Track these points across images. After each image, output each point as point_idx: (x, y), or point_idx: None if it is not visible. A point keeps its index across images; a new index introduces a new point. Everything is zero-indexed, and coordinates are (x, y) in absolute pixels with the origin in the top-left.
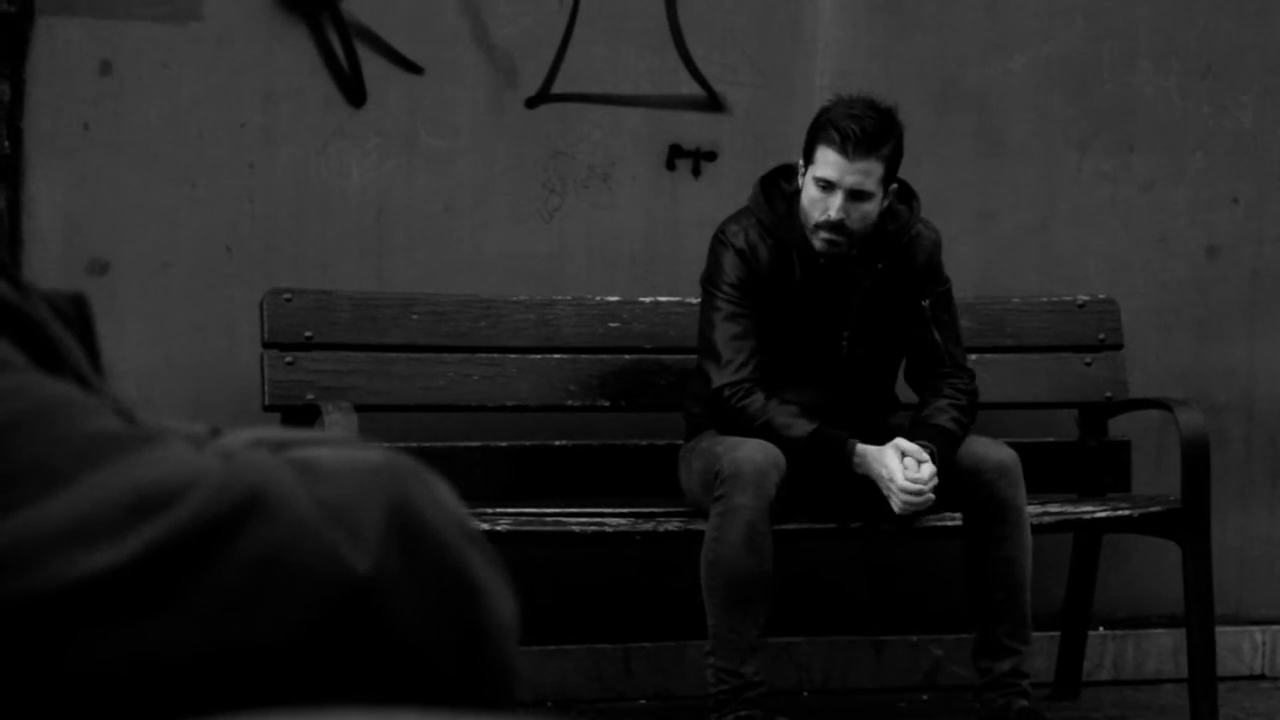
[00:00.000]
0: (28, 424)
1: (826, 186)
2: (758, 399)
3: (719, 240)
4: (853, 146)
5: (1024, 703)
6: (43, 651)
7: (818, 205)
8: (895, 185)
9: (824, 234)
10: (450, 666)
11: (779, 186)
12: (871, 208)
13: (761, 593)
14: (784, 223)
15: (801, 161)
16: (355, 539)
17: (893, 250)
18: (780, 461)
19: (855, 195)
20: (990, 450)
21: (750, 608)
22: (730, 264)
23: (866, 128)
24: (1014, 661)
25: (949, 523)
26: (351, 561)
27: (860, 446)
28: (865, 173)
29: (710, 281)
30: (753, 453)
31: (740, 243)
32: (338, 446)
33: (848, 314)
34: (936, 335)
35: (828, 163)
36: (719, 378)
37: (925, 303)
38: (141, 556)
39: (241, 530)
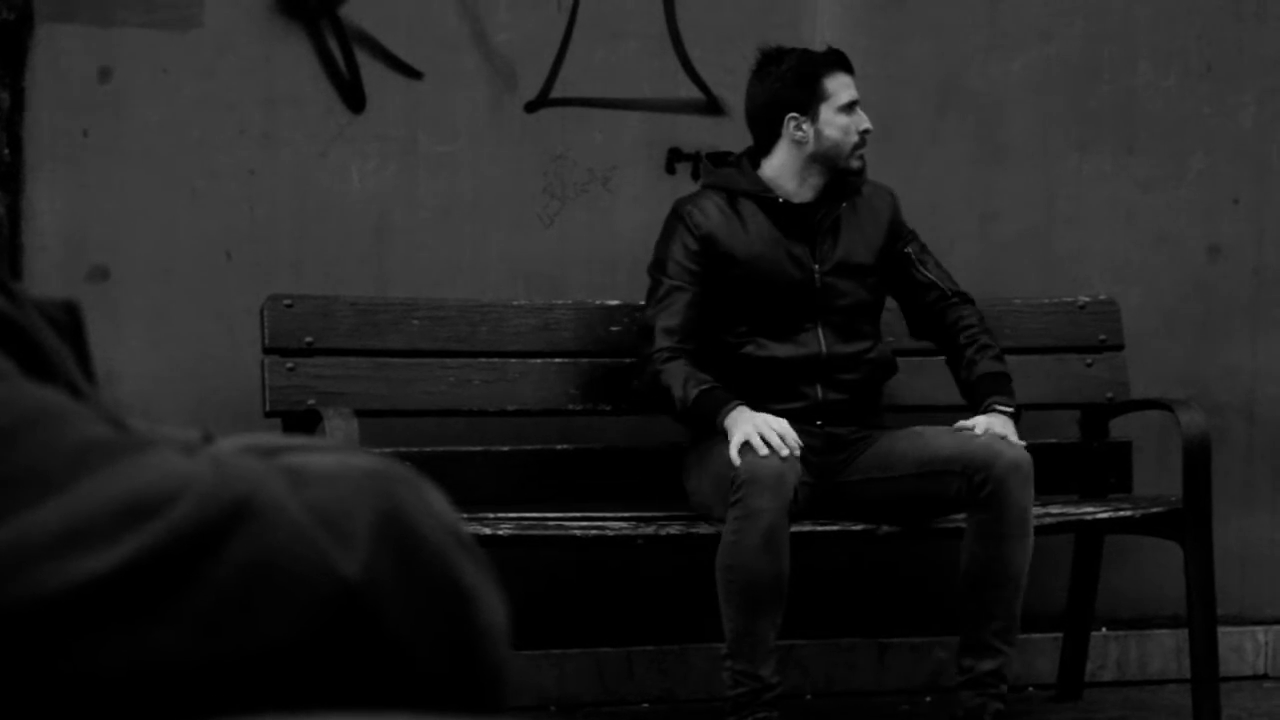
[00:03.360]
0: (19, 432)
1: (850, 107)
2: (674, 365)
3: (671, 216)
4: (848, 61)
5: (999, 706)
6: (35, 658)
7: (850, 128)
8: None
9: (860, 151)
10: (441, 672)
11: (724, 160)
12: None
13: (779, 594)
14: (734, 178)
15: (798, 115)
16: (345, 545)
17: (851, 190)
18: (796, 464)
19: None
20: (1005, 447)
21: (768, 610)
22: (676, 241)
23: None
24: (997, 662)
25: (952, 525)
26: (342, 567)
27: (730, 422)
28: None
29: (657, 266)
30: (772, 458)
31: (689, 207)
32: (328, 452)
33: (814, 253)
34: (927, 274)
35: (845, 86)
36: (651, 349)
37: (908, 250)
38: (133, 563)
39: (232, 536)
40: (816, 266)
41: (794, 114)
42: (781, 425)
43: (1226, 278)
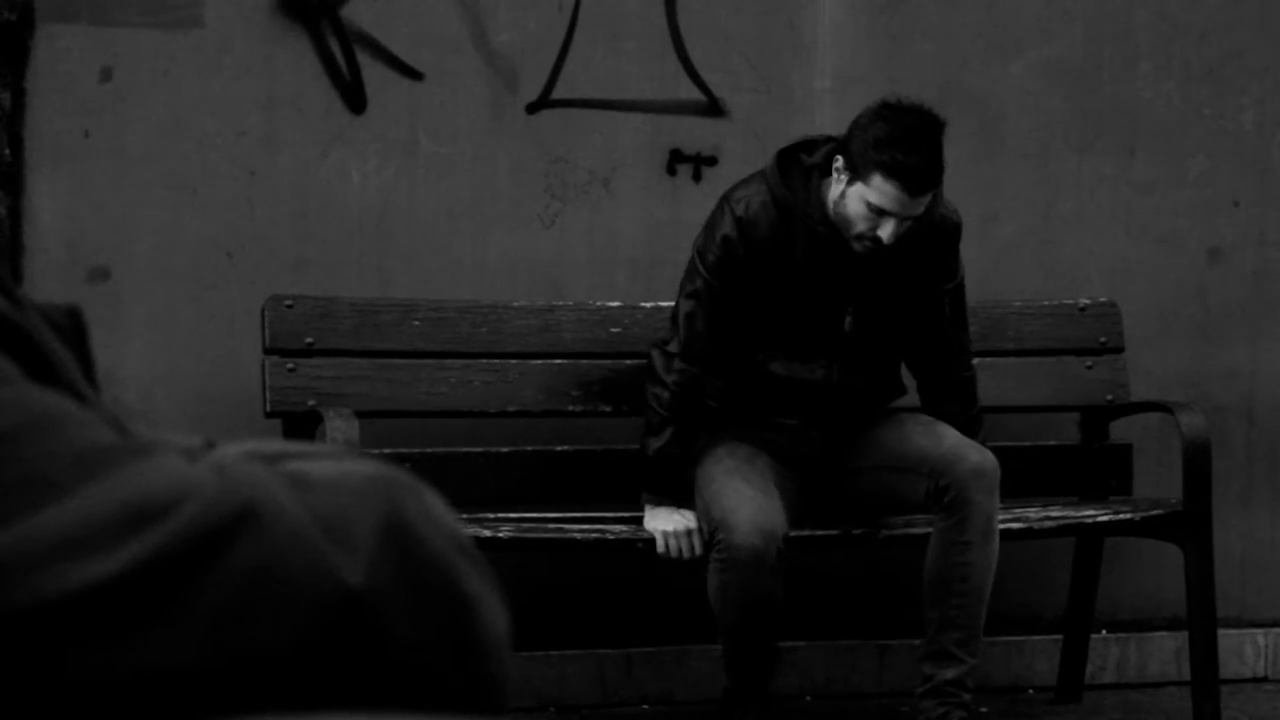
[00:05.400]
0: (21, 437)
1: (880, 212)
2: (677, 396)
3: (721, 205)
4: (918, 186)
5: (962, 714)
6: (37, 663)
7: (866, 221)
8: None
9: (867, 243)
10: (443, 678)
11: (799, 160)
12: None
13: (774, 614)
14: (797, 195)
15: (842, 163)
16: (348, 551)
17: (913, 235)
18: (780, 525)
19: (908, 219)
20: (971, 452)
21: (762, 627)
22: (721, 240)
23: (931, 166)
24: (958, 671)
25: None
26: (344, 574)
27: (650, 508)
28: (923, 203)
29: (699, 253)
30: (750, 537)
31: (741, 210)
32: (331, 459)
33: (853, 291)
34: (954, 328)
35: (887, 196)
36: (675, 348)
37: (947, 304)
38: (135, 568)
39: (234, 543)
40: (850, 307)
41: (841, 160)
42: (688, 526)
43: (1226, 280)
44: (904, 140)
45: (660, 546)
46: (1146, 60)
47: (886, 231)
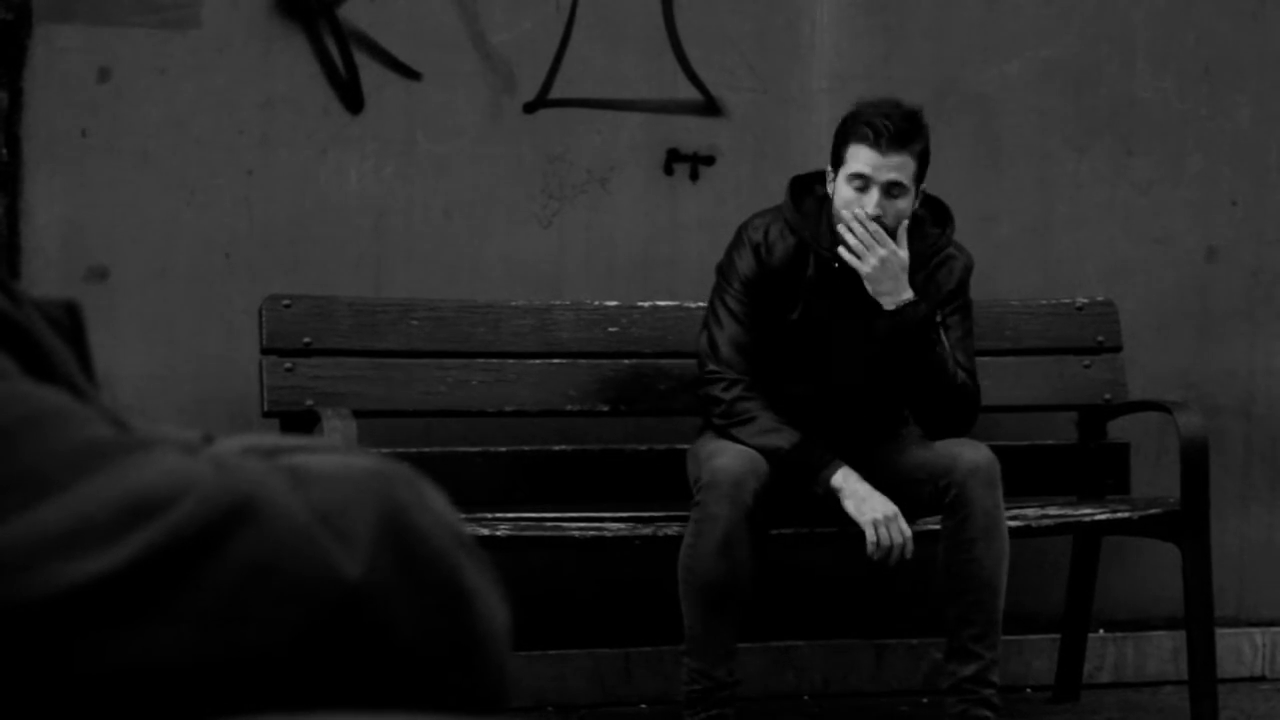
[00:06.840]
0: (20, 432)
1: (862, 185)
2: (750, 403)
3: (739, 232)
4: (886, 141)
5: (984, 712)
6: (37, 657)
7: (852, 205)
8: (923, 187)
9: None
10: (442, 672)
11: (813, 190)
12: (906, 205)
13: (736, 598)
14: (808, 222)
15: (830, 167)
16: (347, 545)
17: (918, 268)
18: (760, 469)
19: (891, 190)
20: (966, 450)
21: (724, 612)
22: (743, 259)
23: (897, 122)
24: (977, 667)
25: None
26: (343, 568)
27: (843, 472)
28: (899, 167)
29: (723, 273)
30: (730, 461)
31: (758, 236)
32: (329, 453)
33: (855, 321)
34: (944, 338)
35: (860, 159)
36: (715, 367)
37: (939, 317)
38: (134, 563)
39: (233, 537)
40: (842, 331)
41: (829, 166)
42: (898, 519)
43: (1224, 279)
44: (869, 107)
45: (870, 537)
46: (1144, 60)
47: (870, 201)
